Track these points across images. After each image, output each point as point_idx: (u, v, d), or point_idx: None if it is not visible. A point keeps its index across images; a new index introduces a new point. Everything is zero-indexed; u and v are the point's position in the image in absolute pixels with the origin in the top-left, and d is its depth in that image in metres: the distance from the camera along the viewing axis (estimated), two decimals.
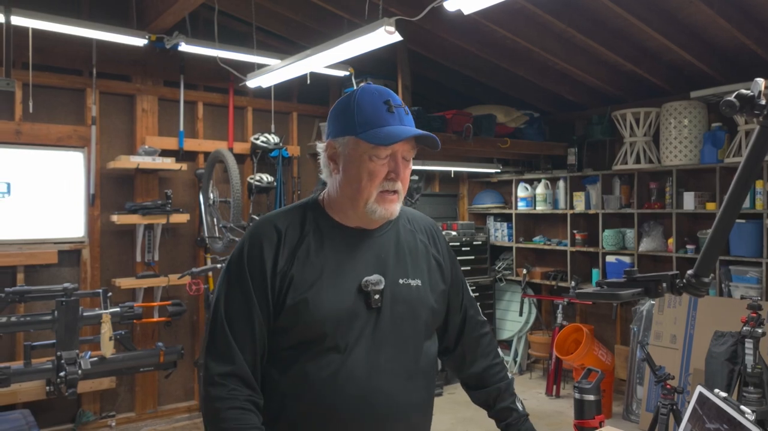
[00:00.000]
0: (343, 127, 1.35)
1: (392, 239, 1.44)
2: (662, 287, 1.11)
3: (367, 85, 1.38)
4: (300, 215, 1.40)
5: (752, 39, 3.91)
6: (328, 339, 1.30)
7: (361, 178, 1.32)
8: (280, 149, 5.02)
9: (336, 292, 1.32)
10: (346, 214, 1.39)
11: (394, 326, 1.36)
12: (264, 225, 1.37)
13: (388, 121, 1.31)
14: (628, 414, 4.70)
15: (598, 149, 5.58)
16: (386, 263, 1.40)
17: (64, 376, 3.49)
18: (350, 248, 1.38)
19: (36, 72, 4.12)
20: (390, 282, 1.38)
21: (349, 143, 1.33)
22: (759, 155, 1.03)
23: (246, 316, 1.31)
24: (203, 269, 4.23)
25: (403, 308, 1.39)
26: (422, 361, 1.43)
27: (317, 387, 1.31)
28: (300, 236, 1.36)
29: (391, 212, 1.36)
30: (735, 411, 1.47)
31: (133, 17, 4.25)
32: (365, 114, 1.31)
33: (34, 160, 4.28)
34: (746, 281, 4.25)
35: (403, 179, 1.36)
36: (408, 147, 1.35)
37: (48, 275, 4.29)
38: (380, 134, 1.29)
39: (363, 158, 1.32)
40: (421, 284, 1.43)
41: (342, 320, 1.31)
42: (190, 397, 4.91)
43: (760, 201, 4.17)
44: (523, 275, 5.78)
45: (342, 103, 1.37)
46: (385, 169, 1.33)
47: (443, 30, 4.27)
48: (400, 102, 1.35)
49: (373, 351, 1.34)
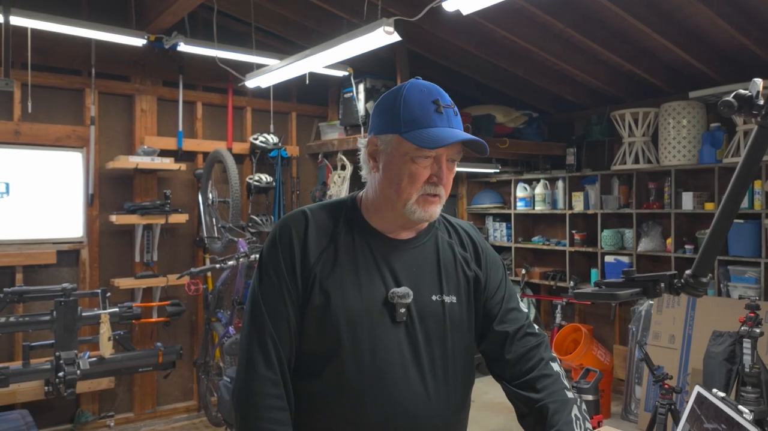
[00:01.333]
0: (387, 123, 1.27)
1: (428, 251, 1.35)
2: (660, 288, 1.11)
3: (416, 80, 1.30)
4: (335, 215, 1.33)
5: (751, 39, 3.91)
6: (346, 351, 1.23)
7: (401, 179, 1.25)
8: (279, 149, 5.01)
9: (360, 300, 1.25)
10: (384, 215, 1.31)
11: (426, 345, 1.28)
12: (295, 218, 1.32)
13: (435, 122, 1.23)
14: (626, 414, 4.71)
15: (597, 149, 5.59)
16: (419, 276, 1.31)
17: (62, 376, 3.48)
18: (382, 257, 1.30)
19: (35, 72, 4.12)
20: (421, 297, 1.29)
21: (392, 142, 1.26)
22: (757, 155, 1.03)
23: (282, 305, 1.26)
24: (202, 269, 4.23)
25: (436, 327, 1.30)
26: (457, 385, 1.33)
27: (332, 407, 1.24)
28: (331, 235, 1.30)
29: (431, 215, 1.28)
30: (733, 411, 1.47)
31: (132, 17, 4.25)
32: (412, 112, 1.24)
33: (33, 160, 4.27)
34: (744, 281, 4.26)
35: (446, 183, 1.28)
36: (454, 150, 1.27)
37: (47, 275, 4.28)
38: (426, 136, 1.21)
39: (405, 158, 1.24)
40: (455, 302, 1.33)
41: (363, 332, 1.24)
42: (189, 397, 4.91)
43: (759, 201, 4.17)
44: (522, 275, 5.78)
45: (388, 98, 1.29)
46: (428, 172, 1.25)
47: (442, 30, 4.27)
48: (449, 102, 1.27)
49: (401, 370, 1.25)
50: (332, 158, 5.24)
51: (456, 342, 1.33)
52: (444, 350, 1.30)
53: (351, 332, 1.24)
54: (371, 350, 1.24)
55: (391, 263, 1.30)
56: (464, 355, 1.36)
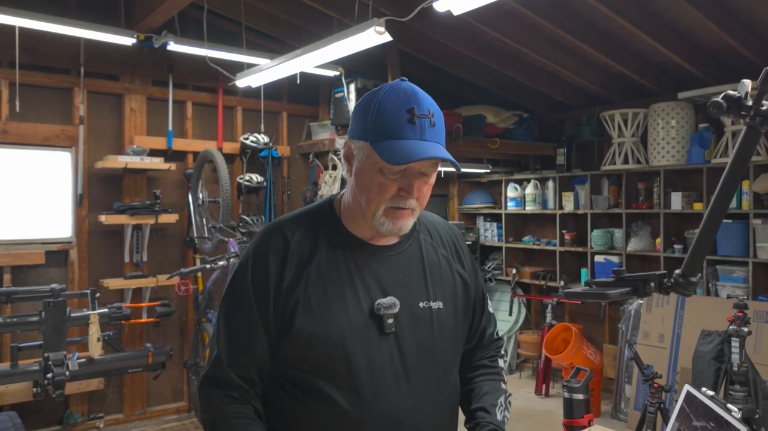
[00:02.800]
0: (360, 129, 1.21)
1: (411, 257, 1.32)
2: (650, 287, 1.11)
3: (399, 82, 1.21)
4: (313, 224, 1.28)
5: (739, 41, 3.95)
6: (337, 368, 1.20)
7: (370, 189, 1.20)
8: (269, 149, 5.00)
9: (346, 316, 1.21)
10: (359, 223, 1.27)
11: (417, 354, 1.25)
12: (272, 234, 1.27)
13: (406, 133, 1.15)
14: (616, 413, 4.73)
15: (587, 150, 5.61)
16: (405, 284, 1.28)
17: (51, 377, 3.45)
18: (366, 267, 1.26)
19: (23, 71, 4.09)
20: (408, 306, 1.26)
21: (364, 149, 1.20)
22: (745, 156, 1.03)
23: (248, 332, 1.22)
24: (192, 269, 4.21)
25: (425, 335, 1.27)
26: (448, 391, 1.33)
27: (325, 424, 1.21)
28: (311, 250, 1.25)
29: (400, 228, 1.22)
30: (721, 409, 1.48)
31: (122, 16, 4.22)
32: (383, 120, 1.16)
33: (21, 160, 4.24)
34: (733, 281, 4.29)
35: (420, 196, 1.22)
36: (427, 164, 1.19)
37: (35, 275, 4.25)
38: (393, 149, 1.14)
39: (375, 168, 1.18)
40: (443, 307, 1.31)
41: (352, 347, 1.20)
42: (179, 398, 4.89)
43: (747, 201, 4.21)
44: (513, 274, 5.80)
45: (365, 100, 1.22)
46: (397, 185, 1.19)
47: (433, 31, 4.27)
48: (426, 111, 1.18)
49: (393, 382, 1.23)
50: (323, 158, 5.23)
51: (445, 347, 1.31)
52: (434, 357, 1.29)
53: (341, 348, 1.20)
54: (362, 364, 1.21)
55: (375, 272, 1.26)
56: (453, 360, 1.36)
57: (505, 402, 1.39)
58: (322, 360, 1.21)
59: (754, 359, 3.20)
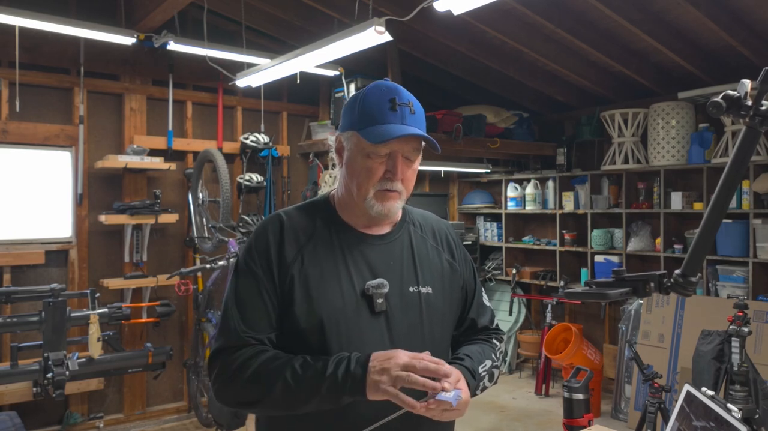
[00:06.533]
0: (348, 121, 1.35)
1: (402, 245, 1.41)
2: (650, 287, 1.11)
3: (382, 81, 1.36)
4: (311, 214, 1.39)
5: (739, 40, 3.95)
6: (332, 346, 1.26)
7: (360, 174, 1.32)
8: (269, 149, 5.00)
9: (340, 296, 1.29)
10: (353, 211, 1.38)
11: (406, 334, 1.32)
12: (271, 219, 1.37)
13: (388, 119, 1.29)
14: (616, 413, 4.73)
15: (587, 150, 5.61)
16: (395, 269, 1.37)
17: (51, 377, 3.45)
18: (359, 252, 1.35)
19: (23, 71, 4.08)
20: (399, 289, 1.35)
21: (352, 138, 1.33)
22: (745, 156, 1.03)
23: (258, 299, 1.29)
24: (192, 269, 4.21)
25: (415, 317, 1.35)
26: None
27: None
28: (307, 234, 1.35)
29: (389, 209, 1.33)
30: (722, 409, 1.48)
31: (122, 16, 4.22)
32: (368, 110, 1.30)
33: (21, 159, 4.24)
34: (733, 281, 4.29)
35: (405, 179, 1.34)
36: (409, 148, 1.32)
37: (35, 275, 4.25)
38: (376, 131, 1.28)
39: (363, 154, 1.31)
40: (432, 292, 1.39)
41: (346, 326, 1.28)
42: (179, 398, 4.89)
43: (747, 201, 4.21)
44: (513, 274, 5.80)
45: (352, 98, 1.37)
46: (383, 168, 1.31)
47: (433, 30, 4.27)
48: (407, 101, 1.32)
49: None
50: (323, 158, 5.23)
51: (434, 331, 1.38)
52: (423, 340, 1.35)
53: (335, 327, 1.27)
54: (355, 343, 1.27)
55: (367, 257, 1.36)
56: (442, 344, 1.42)
57: (497, 357, 1.46)
58: (316, 336, 1.27)
59: (755, 359, 3.20)
